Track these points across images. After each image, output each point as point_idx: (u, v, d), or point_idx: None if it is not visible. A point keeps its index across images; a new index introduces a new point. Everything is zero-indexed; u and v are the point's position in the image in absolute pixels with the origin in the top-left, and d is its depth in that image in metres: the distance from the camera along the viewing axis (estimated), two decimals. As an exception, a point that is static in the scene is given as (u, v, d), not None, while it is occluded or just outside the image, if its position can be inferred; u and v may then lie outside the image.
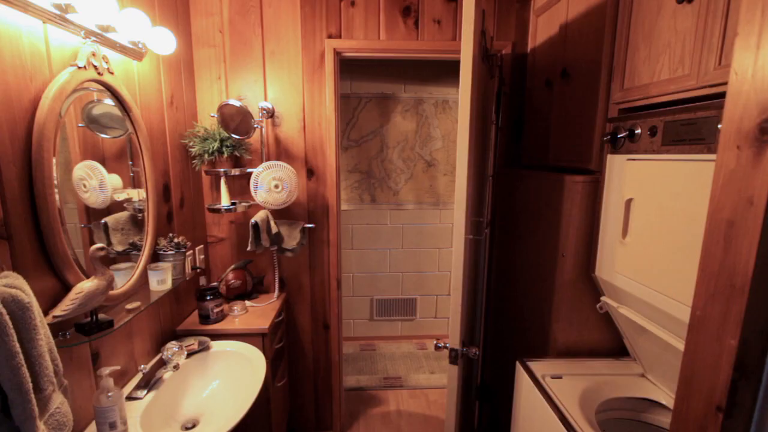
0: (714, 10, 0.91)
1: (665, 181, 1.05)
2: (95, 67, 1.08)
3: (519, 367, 1.40)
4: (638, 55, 1.17)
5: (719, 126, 0.73)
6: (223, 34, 1.83)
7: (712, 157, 0.90)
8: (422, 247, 3.15)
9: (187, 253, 1.57)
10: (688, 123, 0.97)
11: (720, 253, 0.59)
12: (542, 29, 1.79)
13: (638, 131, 1.15)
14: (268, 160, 1.87)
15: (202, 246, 1.89)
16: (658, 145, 1.07)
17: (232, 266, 1.91)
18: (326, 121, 1.91)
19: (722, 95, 0.60)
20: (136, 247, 1.32)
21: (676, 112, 1.01)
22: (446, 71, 2.89)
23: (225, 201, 1.79)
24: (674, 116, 1.02)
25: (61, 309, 0.94)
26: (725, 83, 0.59)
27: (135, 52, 1.30)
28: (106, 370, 1.06)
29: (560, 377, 1.31)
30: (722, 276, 0.58)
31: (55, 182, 0.95)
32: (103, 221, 1.18)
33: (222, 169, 1.78)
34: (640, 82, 1.17)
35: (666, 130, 1.05)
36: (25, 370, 0.73)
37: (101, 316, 1.07)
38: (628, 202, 1.19)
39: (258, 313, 1.76)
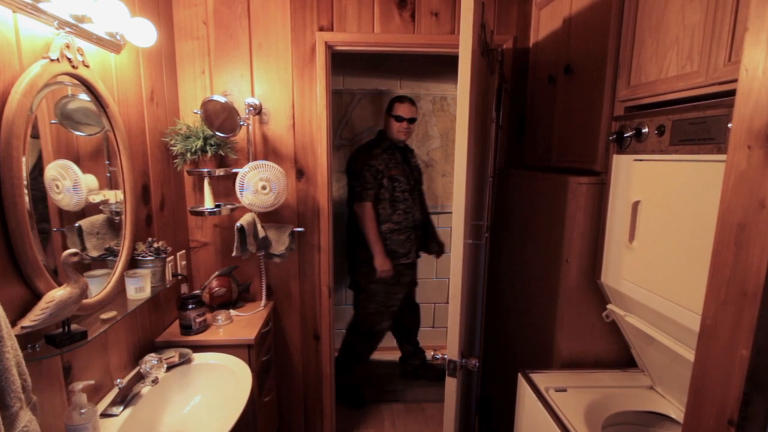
0: (723, 3, 0.92)
1: (674, 182, 1.06)
2: (69, 59, 1.07)
3: (521, 379, 1.40)
4: (645, 51, 1.19)
5: (729, 125, 0.74)
6: (207, 25, 1.82)
7: (723, 157, 0.91)
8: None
9: (168, 259, 1.55)
10: (697, 122, 0.99)
11: (731, 258, 0.59)
12: (545, 23, 1.80)
13: (645, 130, 1.16)
14: (254, 159, 1.86)
15: (183, 251, 1.87)
16: (666, 145, 1.08)
17: (216, 273, 1.90)
18: (317, 118, 1.91)
19: (732, 93, 0.61)
20: (113, 253, 1.31)
21: (685, 111, 1.02)
22: (444, 66, 2.90)
23: (209, 203, 1.77)
24: (683, 115, 1.03)
25: (31, 319, 0.92)
26: (735, 80, 0.60)
27: (112, 44, 1.30)
28: (78, 385, 1.04)
29: (564, 390, 1.31)
30: (733, 282, 0.59)
31: (25, 183, 0.94)
32: (77, 225, 1.16)
33: (205, 169, 1.77)
34: (647, 79, 1.18)
35: (674, 129, 1.06)
36: (-10, 385, 0.72)
37: (74, 326, 1.06)
38: (635, 204, 1.20)
39: (244, 322, 1.74)
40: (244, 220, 1.75)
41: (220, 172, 1.80)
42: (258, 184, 1.69)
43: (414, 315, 2.81)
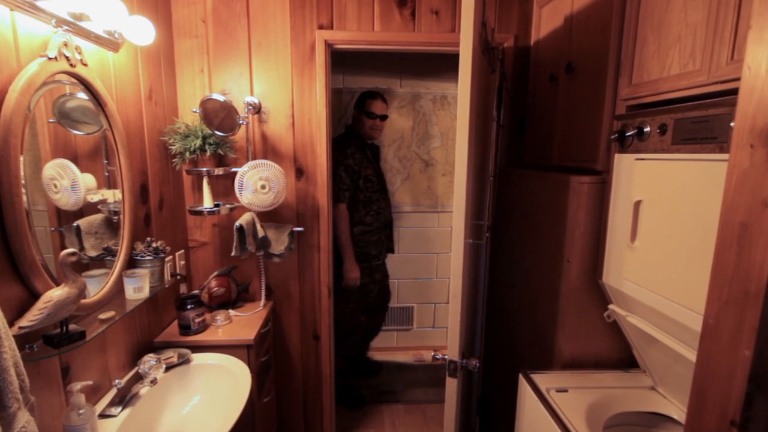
0: (726, 1, 0.92)
1: (676, 181, 1.06)
2: (67, 58, 1.07)
3: (522, 380, 1.40)
4: (647, 49, 1.19)
5: (732, 124, 0.74)
6: (206, 24, 1.82)
7: (725, 156, 0.90)
8: (419, 252, 3.15)
9: (167, 259, 1.55)
10: (699, 121, 0.99)
11: (733, 257, 0.59)
12: (546, 21, 1.80)
13: (647, 129, 1.16)
14: (254, 158, 1.86)
15: (182, 251, 1.87)
16: (668, 144, 1.08)
17: (215, 273, 1.90)
18: (317, 117, 1.91)
19: (735, 91, 0.61)
20: (111, 252, 1.31)
21: (687, 109, 1.02)
22: (445, 65, 2.90)
23: (208, 202, 1.77)
24: (685, 113, 1.03)
25: (28, 319, 0.92)
26: (738, 79, 0.60)
27: (111, 43, 1.29)
28: (77, 386, 1.04)
29: (566, 390, 1.31)
30: (736, 282, 0.59)
31: (23, 182, 0.94)
32: (75, 224, 1.16)
33: (204, 169, 1.77)
34: (649, 78, 1.18)
35: (676, 128, 1.06)
36: (-13, 385, 0.72)
37: (72, 326, 1.06)
38: (637, 204, 1.20)
39: (243, 323, 1.75)
40: (244, 219, 1.75)
41: (219, 171, 1.80)
42: (257, 184, 1.69)
43: (380, 316, 2.76)
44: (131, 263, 1.41)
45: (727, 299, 0.60)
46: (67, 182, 1.11)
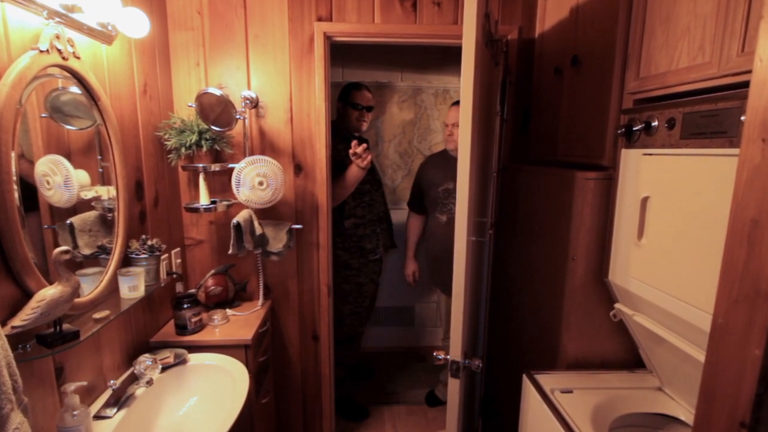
0: (736, -8, 0.92)
1: (684, 177, 1.05)
2: (59, 51, 1.07)
3: (525, 381, 1.40)
4: (655, 41, 1.18)
5: (742, 118, 0.73)
6: (201, 15, 1.81)
7: (735, 151, 0.90)
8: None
9: (162, 257, 1.56)
10: (708, 114, 0.98)
11: (743, 255, 0.59)
12: (551, 12, 1.79)
13: (655, 123, 1.16)
14: (251, 154, 1.86)
15: (178, 249, 1.87)
16: (676, 139, 1.08)
17: (212, 271, 1.90)
18: (315, 112, 1.91)
19: (746, 84, 0.61)
20: (106, 251, 1.31)
21: (696, 103, 1.02)
22: (447, 58, 2.89)
23: (204, 199, 1.77)
24: (694, 107, 1.02)
25: (21, 319, 0.93)
26: (749, 71, 0.59)
27: (104, 35, 1.29)
28: (71, 387, 1.05)
29: (570, 391, 1.31)
30: (746, 280, 0.58)
31: (15, 178, 0.94)
32: (68, 222, 1.16)
33: (201, 165, 1.77)
34: (656, 71, 1.17)
35: (685, 122, 1.05)
36: (-21, 386, 0.72)
37: (66, 326, 1.06)
38: (644, 200, 1.20)
39: (240, 322, 1.75)
40: (241, 216, 1.75)
41: (215, 167, 1.80)
42: (255, 180, 1.69)
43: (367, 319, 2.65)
44: (126, 261, 1.41)
45: (736, 298, 0.60)
46: (60, 179, 1.11)
